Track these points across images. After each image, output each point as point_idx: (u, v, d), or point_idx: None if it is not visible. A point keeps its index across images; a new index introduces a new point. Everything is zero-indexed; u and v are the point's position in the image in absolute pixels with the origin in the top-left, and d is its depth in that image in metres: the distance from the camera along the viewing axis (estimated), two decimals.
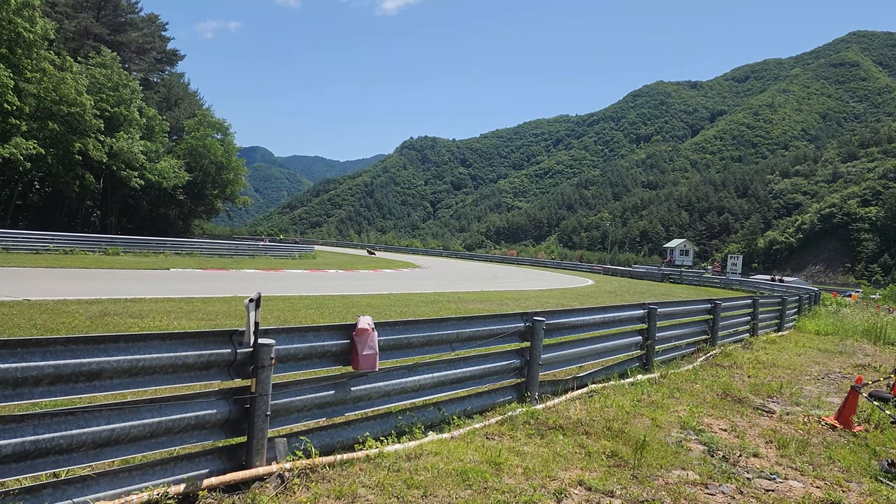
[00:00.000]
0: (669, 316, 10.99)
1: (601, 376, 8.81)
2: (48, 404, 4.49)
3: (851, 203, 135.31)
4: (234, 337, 4.45)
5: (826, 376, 11.13)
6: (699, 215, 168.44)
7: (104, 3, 62.26)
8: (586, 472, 5.22)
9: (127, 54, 61.72)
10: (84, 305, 12.38)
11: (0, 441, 3.31)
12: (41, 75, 41.07)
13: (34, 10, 39.98)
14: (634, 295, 29.97)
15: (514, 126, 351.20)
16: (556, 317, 7.92)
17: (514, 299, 21.79)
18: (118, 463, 4.04)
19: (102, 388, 3.81)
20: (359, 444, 5.28)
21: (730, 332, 14.02)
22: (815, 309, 24.12)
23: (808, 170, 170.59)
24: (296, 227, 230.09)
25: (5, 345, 3.41)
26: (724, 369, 10.76)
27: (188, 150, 59.27)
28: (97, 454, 3.74)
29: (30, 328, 9.35)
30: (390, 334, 5.71)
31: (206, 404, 4.28)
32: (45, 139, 41.56)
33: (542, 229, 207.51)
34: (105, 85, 48.04)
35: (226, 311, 12.95)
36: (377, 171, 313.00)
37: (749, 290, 42.59)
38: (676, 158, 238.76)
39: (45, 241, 31.27)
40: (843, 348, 15.23)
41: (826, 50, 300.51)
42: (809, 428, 7.32)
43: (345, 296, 18.77)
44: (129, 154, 47.40)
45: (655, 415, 7.22)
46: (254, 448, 4.42)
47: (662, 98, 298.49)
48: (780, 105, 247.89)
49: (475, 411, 6.65)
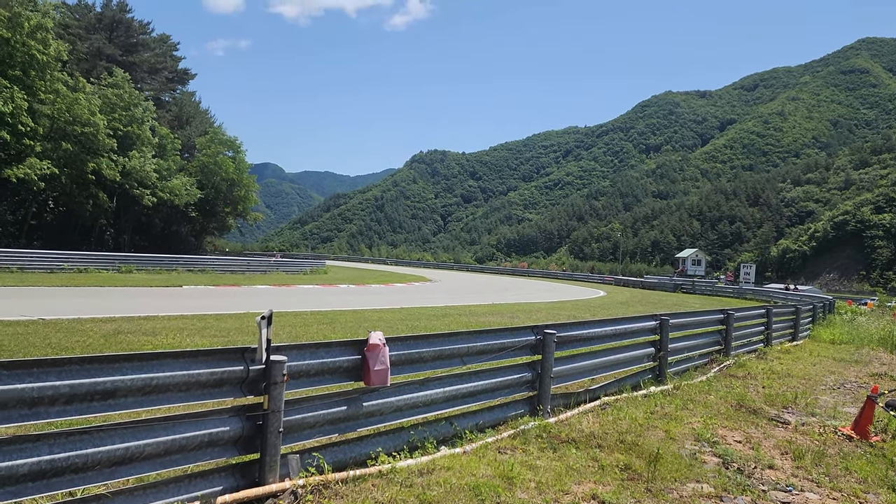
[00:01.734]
0: (682, 327, 10.94)
1: (614, 388, 8.77)
2: (64, 423, 4.53)
3: (865, 210, 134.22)
4: (247, 354, 4.48)
5: (842, 386, 11.02)
6: (711, 225, 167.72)
7: (116, 24, 63.07)
8: (600, 485, 5.20)
9: (139, 74, 62.44)
10: (98, 324, 12.48)
11: (17, 461, 3.34)
12: (55, 96, 41.59)
13: (47, 33, 40.57)
14: (646, 306, 29.83)
15: (524, 138, 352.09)
16: (567, 329, 7.91)
17: (525, 311, 21.75)
18: (133, 481, 4.06)
19: (117, 406, 3.85)
20: (371, 460, 5.28)
21: (743, 343, 13.93)
22: (829, 318, 23.91)
23: (819, 177, 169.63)
24: (307, 242, 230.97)
25: (22, 365, 3.46)
26: (738, 380, 10.68)
27: (200, 167, 59.66)
28: (112, 472, 3.77)
29: (45, 347, 9.43)
30: (402, 349, 5.72)
31: (220, 421, 4.31)
32: (59, 159, 42.01)
33: (552, 241, 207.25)
34: (117, 104, 48.55)
35: (238, 328, 13.00)
36: (387, 186, 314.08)
37: (762, 299, 42.29)
38: (686, 168, 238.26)
39: (59, 260, 31.57)
40: (859, 357, 15.07)
41: (835, 57, 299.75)
42: (825, 439, 7.25)
43: (356, 311, 18.80)
44: (142, 172, 47.79)
45: (669, 427, 7.17)
46: (267, 465, 4.43)
47: (671, 108, 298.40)
48: (791, 113, 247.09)
49: (487, 425, 6.64)
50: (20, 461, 3.35)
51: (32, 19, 39.13)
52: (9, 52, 38.86)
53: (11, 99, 37.05)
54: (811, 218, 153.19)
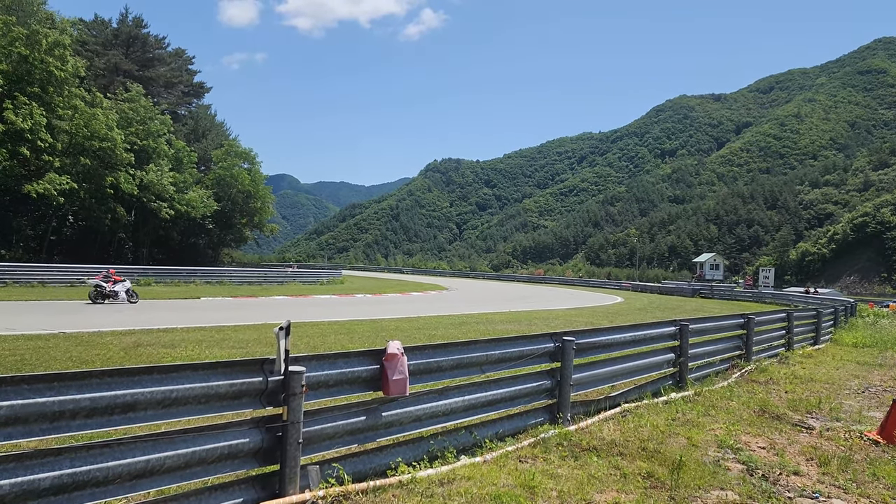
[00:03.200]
0: (702, 332, 10.83)
1: (634, 395, 8.69)
2: (85, 437, 4.54)
3: (885, 211, 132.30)
4: (265, 365, 4.48)
5: (866, 390, 10.85)
6: (728, 229, 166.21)
7: (133, 39, 63.87)
8: (622, 494, 5.14)
9: (155, 88, 63.13)
10: (118, 336, 12.57)
11: (39, 475, 3.35)
12: (73, 112, 42.11)
13: (65, 50, 41.22)
14: (665, 311, 29.61)
15: (538, 145, 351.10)
16: (586, 336, 7.86)
17: (542, 319, 21.65)
18: (153, 494, 4.06)
19: (137, 419, 3.85)
20: (391, 470, 5.25)
21: (764, 347, 13.77)
22: (851, 321, 23.62)
23: (838, 179, 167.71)
24: (323, 252, 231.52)
25: (43, 379, 3.48)
26: (760, 385, 10.54)
27: (216, 180, 60.12)
28: (133, 486, 3.77)
29: (65, 360, 9.51)
30: (420, 358, 5.70)
31: (239, 433, 4.30)
32: (78, 174, 42.49)
33: (568, 247, 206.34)
34: (134, 119, 49.09)
35: (256, 339, 13.05)
36: (402, 195, 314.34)
37: (782, 303, 41.84)
38: (703, 172, 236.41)
39: (79, 274, 31.90)
40: (883, 360, 14.85)
41: (852, 58, 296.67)
42: (851, 444, 7.13)
43: (373, 320, 18.81)
44: (159, 186, 48.22)
45: (691, 434, 7.08)
46: (287, 476, 4.42)
47: (686, 112, 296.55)
48: (807, 115, 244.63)
49: (507, 434, 6.59)
50: (42, 475, 3.36)
51: (50, 36, 39.80)
52: (27, 70, 39.50)
53: (30, 115, 37.64)
54: (830, 220, 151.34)
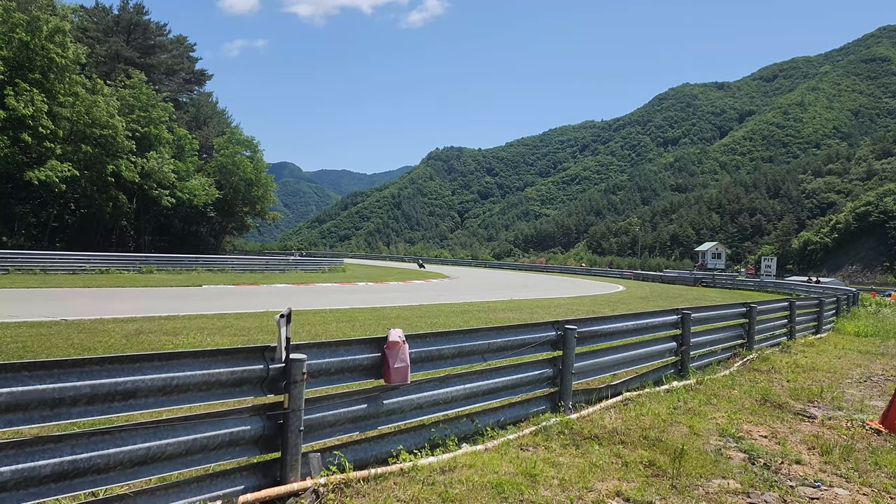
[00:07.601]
0: (704, 321, 10.82)
1: (636, 384, 8.68)
2: (85, 424, 4.54)
3: (888, 200, 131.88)
4: (266, 353, 4.47)
5: (868, 379, 10.84)
6: (730, 217, 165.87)
7: (133, 26, 63.65)
8: (624, 482, 5.13)
9: (156, 76, 62.96)
10: (120, 324, 12.59)
11: (39, 461, 3.35)
12: (74, 99, 42.01)
13: (66, 36, 41.03)
14: (667, 300, 29.59)
15: (540, 133, 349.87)
16: (587, 325, 7.84)
17: (544, 307, 21.65)
18: (155, 481, 4.07)
19: (138, 406, 3.84)
20: (392, 458, 5.25)
21: (766, 336, 13.76)
22: (853, 310, 23.60)
23: (841, 168, 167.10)
24: (325, 240, 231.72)
25: (43, 366, 3.46)
26: (761, 374, 10.54)
27: (218, 167, 60.03)
28: (134, 472, 3.77)
29: (67, 348, 9.51)
30: (421, 346, 5.69)
31: (240, 421, 4.30)
32: (79, 161, 42.46)
33: (570, 236, 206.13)
34: (135, 106, 48.99)
35: (258, 327, 13.06)
36: (404, 183, 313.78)
37: (784, 292, 41.82)
38: (705, 161, 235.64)
39: (81, 261, 31.96)
40: (885, 350, 14.84)
41: (856, 46, 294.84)
42: (853, 433, 7.12)
43: (375, 308, 18.82)
44: (161, 173, 48.16)
45: (693, 422, 7.08)
46: (288, 464, 4.42)
47: (689, 100, 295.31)
48: (811, 103, 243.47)
49: (509, 422, 6.59)
50: (43, 462, 3.36)
51: (51, 23, 39.61)
52: (28, 56, 39.36)
53: (31, 102, 37.54)
54: (833, 209, 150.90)
